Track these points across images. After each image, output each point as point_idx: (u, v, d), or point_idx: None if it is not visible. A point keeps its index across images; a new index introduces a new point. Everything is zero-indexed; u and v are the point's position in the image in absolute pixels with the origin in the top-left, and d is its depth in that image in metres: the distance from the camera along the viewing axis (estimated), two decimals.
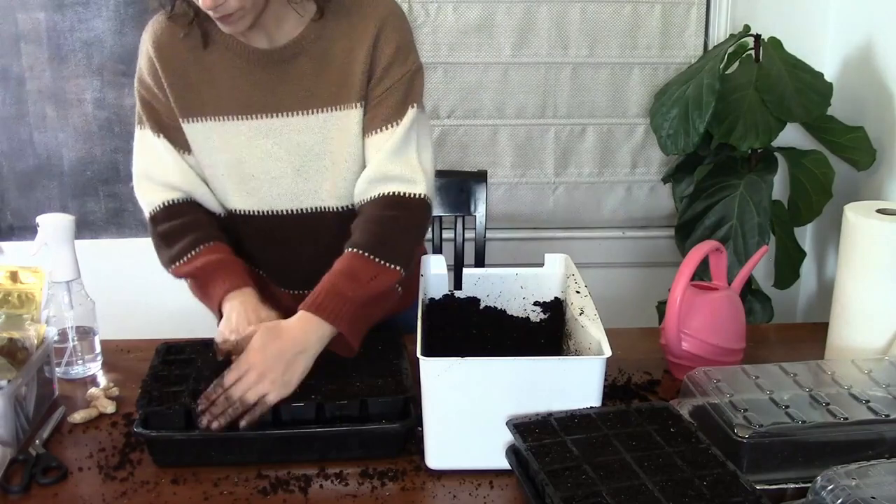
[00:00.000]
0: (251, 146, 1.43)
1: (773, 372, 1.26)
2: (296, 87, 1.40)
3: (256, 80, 1.41)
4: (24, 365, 1.26)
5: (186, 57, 1.41)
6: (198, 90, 1.41)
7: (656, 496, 0.97)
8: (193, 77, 1.41)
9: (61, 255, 1.43)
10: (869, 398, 1.17)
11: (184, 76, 1.41)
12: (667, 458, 1.05)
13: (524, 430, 1.11)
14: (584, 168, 2.47)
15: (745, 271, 1.49)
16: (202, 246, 1.41)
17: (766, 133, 2.03)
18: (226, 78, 1.41)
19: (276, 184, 1.45)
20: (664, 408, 1.18)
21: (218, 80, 1.41)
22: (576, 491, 0.99)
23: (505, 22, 2.34)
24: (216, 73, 1.41)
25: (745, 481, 1.00)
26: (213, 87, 1.41)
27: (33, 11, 2.31)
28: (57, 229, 1.43)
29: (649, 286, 2.41)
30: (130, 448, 1.25)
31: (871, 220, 1.37)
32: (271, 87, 1.41)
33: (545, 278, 1.45)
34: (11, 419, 1.21)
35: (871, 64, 2.10)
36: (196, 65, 1.41)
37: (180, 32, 1.40)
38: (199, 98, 1.42)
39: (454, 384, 1.14)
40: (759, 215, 2.05)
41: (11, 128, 2.38)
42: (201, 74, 1.41)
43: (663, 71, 2.39)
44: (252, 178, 1.45)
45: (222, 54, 1.41)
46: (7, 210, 2.45)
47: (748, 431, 1.11)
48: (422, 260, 1.44)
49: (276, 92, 1.41)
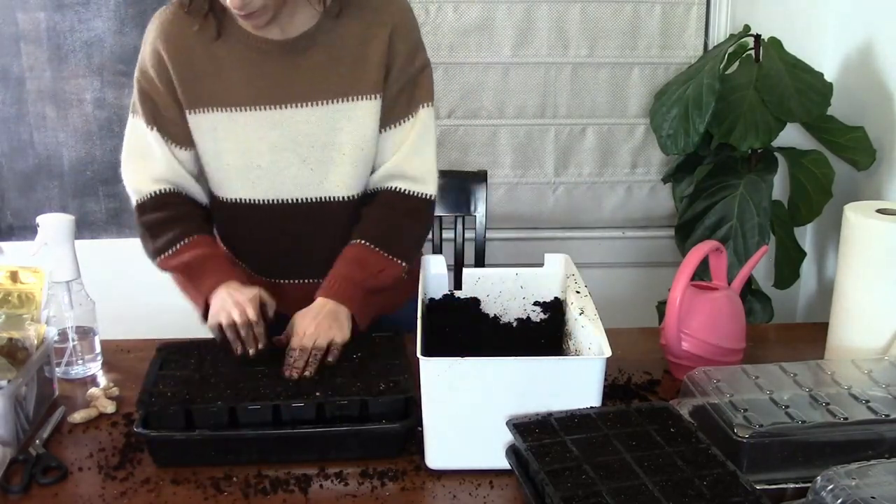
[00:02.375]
0: (258, 137, 1.43)
1: (773, 372, 1.26)
2: (306, 79, 1.41)
3: (266, 71, 1.41)
4: (24, 365, 1.26)
5: (195, 48, 1.41)
6: (206, 81, 1.42)
7: (656, 496, 0.97)
8: (201, 68, 1.42)
9: (61, 255, 1.43)
10: (869, 398, 1.17)
11: (192, 67, 1.42)
12: (667, 458, 1.05)
13: (524, 430, 1.11)
14: (584, 168, 2.47)
15: (745, 271, 1.49)
16: (188, 239, 1.43)
17: (766, 133, 2.03)
18: (235, 69, 1.41)
19: (281, 173, 1.46)
20: (664, 408, 1.18)
21: (227, 70, 1.41)
22: (576, 491, 0.99)
23: (505, 22, 2.34)
24: (226, 64, 1.41)
25: (745, 481, 1.00)
26: (222, 78, 1.42)
27: (33, 11, 2.31)
28: (57, 229, 1.43)
29: (649, 286, 2.41)
30: (130, 448, 1.25)
31: (871, 220, 1.36)
32: (281, 78, 1.41)
33: (545, 278, 1.45)
34: (11, 419, 1.21)
35: (871, 64, 2.10)
36: (205, 56, 1.41)
37: (194, 24, 1.40)
38: (207, 89, 1.42)
39: (454, 384, 1.14)
40: (759, 215, 2.05)
41: (11, 128, 2.38)
42: (210, 65, 1.41)
43: (663, 71, 2.39)
44: (258, 168, 1.45)
45: (233, 46, 1.41)
46: (7, 210, 2.45)
47: (748, 431, 1.10)
48: (422, 260, 1.44)
49: (285, 83, 1.41)
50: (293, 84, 1.41)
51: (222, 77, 1.41)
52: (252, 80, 1.41)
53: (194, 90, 1.42)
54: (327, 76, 1.41)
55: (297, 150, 1.44)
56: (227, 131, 1.43)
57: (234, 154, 1.45)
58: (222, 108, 1.42)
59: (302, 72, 1.41)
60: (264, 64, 1.41)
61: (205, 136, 1.45)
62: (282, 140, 1.43)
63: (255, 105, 1.42)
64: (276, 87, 1.41)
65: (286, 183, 1.46)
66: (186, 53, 1.41)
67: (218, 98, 1.42)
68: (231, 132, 1.43)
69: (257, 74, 1.41)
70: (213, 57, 1.41)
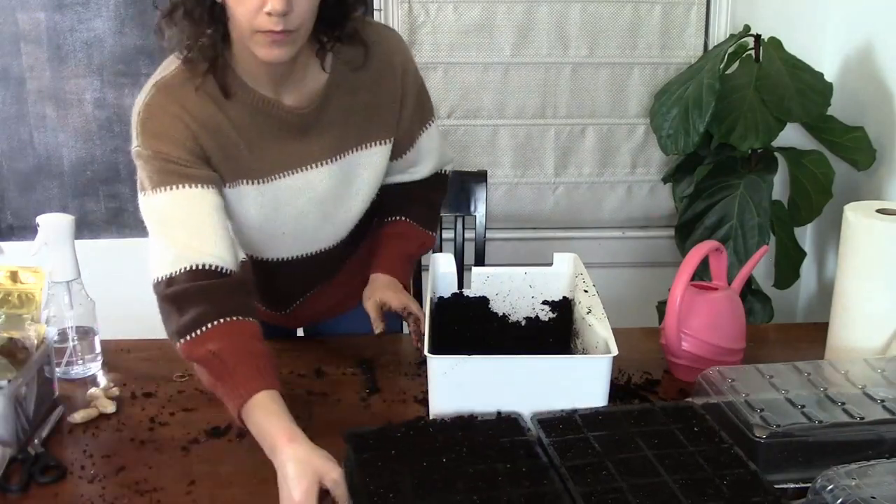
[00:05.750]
0: (284, 203, 1.39)
1: (788, 371, 1.26)
2: (324, 138, 1.37)
3: (289, 139, 1.36)
4: (24, 365, 1.26)
5: (218, 121, 1.30)
6: (233, 154, 1.32)
7: (675, 494, 0.98)
8: (226, 141, 1.31)
9: (61, 255, 1.43)
10: (884, 398, 1.17)
11: (218, 140, 1.31)
12: (688, 456, 1.06)
13: (548, 426, 1.12)
14: (584, 168, 2.47)
15: (745, 271, 1.49)
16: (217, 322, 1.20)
17: (766, 133, 2.03)
18: (258, 140, 1.34)
19: (305, 234, 1.45)
20: (688, 407, 1.18)
21: (251, 143, 1.33)
22: (596, 486, 0.99)
23: (505, 22, 2.34)
24: (250, 137, 1.33)
25: (765, 481, 1.00)
26: (247, 151, 1.33)
27: (33, 11, 2.31)
28: (57, 229, 1.43)
29: (649, 286, 2.40)
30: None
31: (871, 220, 1.36)
32: (301, 142, 1.36)
33: (553, 277, 1.45)
34: (11, 419, 1.21)
35: (871, 64, 2.10)
36: (229, 129, 1.31)
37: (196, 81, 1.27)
38: (234, 163, 1.33)
39: (461, 382, 1.15)
40: (759, 215, 2.05)
41: (11, 128, 2.38)
42: (234, 138, 1.32)
43: (663, 71, 2.39)
44: (282, 235, 1.43)
45: (254, 119, 1.32)
46: (7, 210, 2.45)
47: (766, 431, 1.10)
48: (431, 258, 1.45)
49: (304, 147, 1.37)
50: (311, 145, 1.37)
51: (247, 149, 1.33)
52: (276, 149, 1.35)
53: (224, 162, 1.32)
54: (344, 130, 1.39)
55: (320, 209, 1.42)
56: (255, 203, 1.37)
57: (260, 222, 1.39)
58: (250, 180, 1.34)
59: (319, 132, 1.37)
60: (286, 132, 1.35)
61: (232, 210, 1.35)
62: (307, 205, 1.40)
63: (281, 172, 1.36)
64: (297, 151, 1.36)
65: (308, 242, 1.47)
66: (212, 125, 1.29)
67: (245, 170, 1.34)
68: (258, 203, 1.37)
69: (281, 143, 1.35)
70: (236, 128, 1.31)
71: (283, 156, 1.36)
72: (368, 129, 1.41)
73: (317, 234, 1.47)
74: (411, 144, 1.49)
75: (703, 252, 1.41)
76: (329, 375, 1.47)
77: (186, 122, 1.27)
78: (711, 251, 1.45)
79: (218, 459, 1.23)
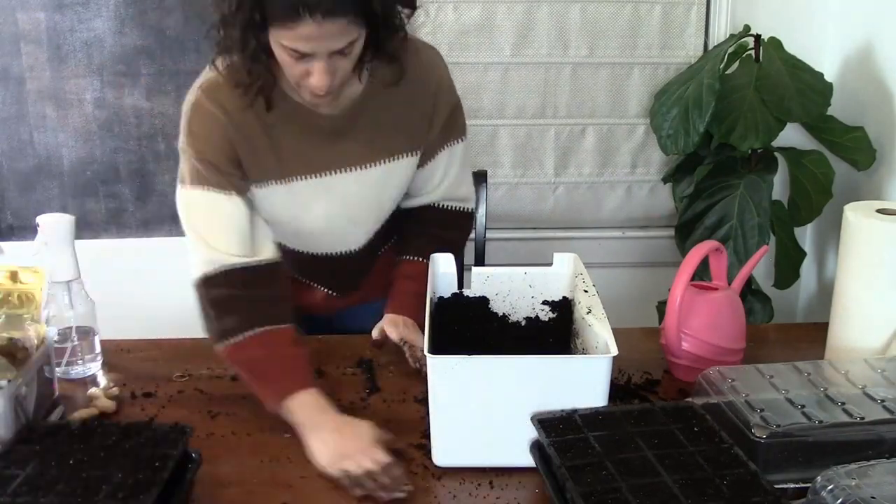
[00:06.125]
0: (312, 204, 1.46)
1: (788, 371, 1.26)
2: (356, 145, 1.44)
3: (319, 142, 1.42)
4: (24, 365, 1.26)
5: (253, 125, 1.38)
6: (262, 155, 1.40)
7: (675, 494, 0.98)
8: (259, 143, 1.39)
9: (61, 255, 1.43)
10: (884, 398, 1.17)
11: (251, 142, 1.39)
12: (688, 456, 1.06)
13: (548, 426, 1.12)
14: (584, 168, 2.47)
15: (745, 271, 1.49)
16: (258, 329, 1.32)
17: (766, 133, 2.03)
18: (289, 142, 1.41)
19: (332, 234, 1.52)
20: (688, 407, 1.18)
21: (282, 144, 1.40)
22: (595, 486, 0.99)
23: (505, 22, 2.34)
24: (280, 138, 1.40)
25: (765, 481, 1.00)
26: (277, 153, 1.41)
27: (33, 11, 2.31)
28: (57, 229, 1.43)
29: (649, 286, 2.40)
30: None
31: (871, 220, 1.36)
32: (332, 146, 1.43)
33: (554, 277, 1.45)
34: (11, 419, 1.21)
35: (871, 64, 2.10)
36: (261, 130, 1.39)
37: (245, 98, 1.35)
38: (264, 164, 1.41)
39: (461, 382, 1.15)
40: (759, 215, 2.05)
41: (11, 128, 2.38)
42: (266, 139, 1.39)
43: (663, 71, 2.39)
44: (310, 234, 1.52)
45: (287, 122, 1.39)
46: (7, 210, 2.45)
47: (766, 431, 1.10)
48: (430, 258, 1.45)
49: (336, 151, 1.43)
50: (344, 151, 1.44)
51: (278, 151, 1.40)
52: (305, 152, 1.42)
53: (255, 166, 1.40)
54: (375, 141, 1.45)
55: (347, 213, 1.49)
56: (282, 202, 1.44)
57: (287, 221, 1.47)
58: (279, 180, 1.42)
59: (352, 139, 1.43)
60: (316, 136, 1.42)
61: (260, 208, 1.44)
62: (334, 207, 1.47)
63: (308, 174, 1.43)
64: (327, 155, 1.43)
65: (335, 242, 1.55)
66: (247, 130, 1.38)
67: (274, 171, 1.41)
68: (285, 203, 1.44)
69: (310, 146, 1.42)
70: (269, 132, 1.39)
71: (313, 158, 1.43)
72: (399, 140, 1.47)
73: (345, 236, 1.54)
74: (432, 157, 1.53)
75: (703, 252, 1.41)
76: (329, 375, 1.47)
77: (225, 127, 1.36)
78: (711, 251, 1.45)
79: (218, 459, 1.23)
